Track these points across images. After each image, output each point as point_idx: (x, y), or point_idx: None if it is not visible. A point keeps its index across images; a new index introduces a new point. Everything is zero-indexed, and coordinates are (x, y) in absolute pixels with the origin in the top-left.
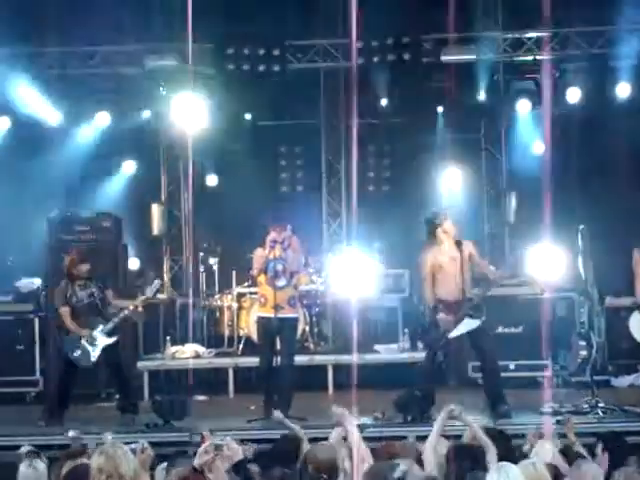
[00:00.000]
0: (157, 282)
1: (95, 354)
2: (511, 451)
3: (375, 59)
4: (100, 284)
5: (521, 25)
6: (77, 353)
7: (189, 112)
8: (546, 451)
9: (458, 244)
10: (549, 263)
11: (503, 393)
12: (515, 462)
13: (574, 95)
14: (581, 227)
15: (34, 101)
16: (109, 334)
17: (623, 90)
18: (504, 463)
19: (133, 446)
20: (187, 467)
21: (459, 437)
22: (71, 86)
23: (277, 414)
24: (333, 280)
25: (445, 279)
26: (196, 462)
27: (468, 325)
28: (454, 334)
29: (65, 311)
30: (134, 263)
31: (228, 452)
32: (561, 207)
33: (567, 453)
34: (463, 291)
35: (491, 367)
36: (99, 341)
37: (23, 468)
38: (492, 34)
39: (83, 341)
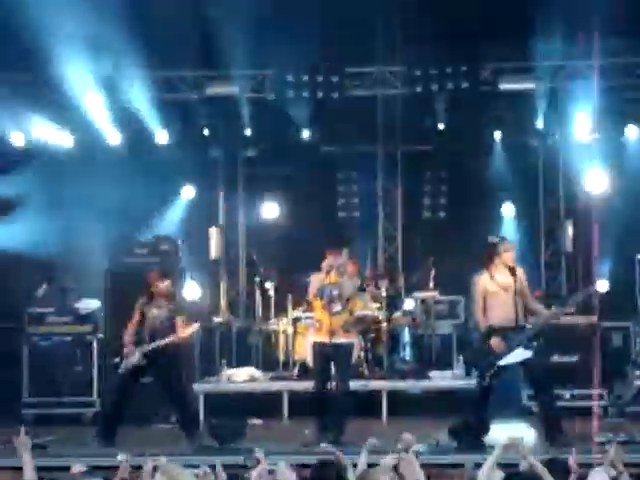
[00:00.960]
0: (195, 325)
1: (123, 366)
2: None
3: (434, 87)
4: (173, 309)
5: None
6: (116, 359)
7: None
8: None
9: (512, 271)
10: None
11: (560, 422)
12: None
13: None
14: (638, 256)
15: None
16: (145, 356)
17: None
18: None
19: (195, 471)
20: None
21: (515, 466)
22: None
23: (372, 441)
24: (389, 306)
25: (497, 305)
26: None
27: (520, 355)
28: (504, 362)
29: (131, 322)
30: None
31: (281, 477)
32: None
33: None
34: (517, 319)
35: (545, 396)
36: (131, 358)
37: None
38: (549, 63)
39: (124, 352)
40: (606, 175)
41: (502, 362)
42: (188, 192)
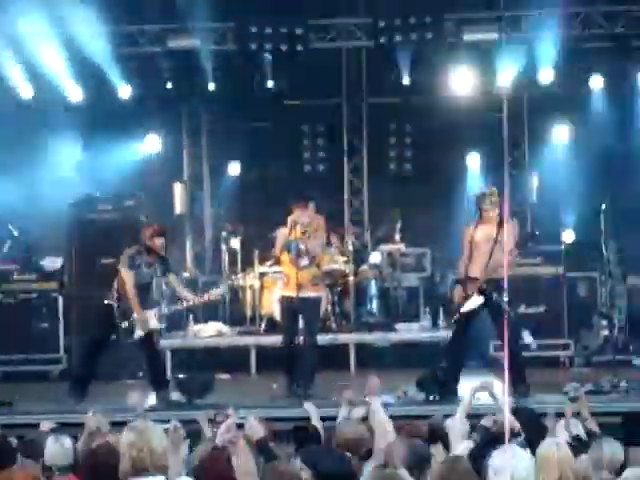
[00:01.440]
0: (223, 287)
1: (138, 333)
2: (540, 430)
3: (397, 38)
4: (166, 266)
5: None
6: (124, 325)
7: None
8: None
9: (500, 225)
10: None
11: (523, 373)
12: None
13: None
14: (603, 206)
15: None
16: (161, 320)
17: None
18: (512, 444)
19: (165, 426)
20: (209, 445)
21: (482, 416)
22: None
23: (307, 406)
24: (355, 259)
25: (476, 255)
26: (218, 440)
27: (475, 302)
28: (464, 309)
29: (128, 275)
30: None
31: (250, 431)
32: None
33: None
34: (486, 270)
35: (509, 346)
36: (148, 324)
37: (50, 444)
38: (513, 13)
39: (134, 317)
40: (570, 126)
41: (462, 309)
42: (151, 146)
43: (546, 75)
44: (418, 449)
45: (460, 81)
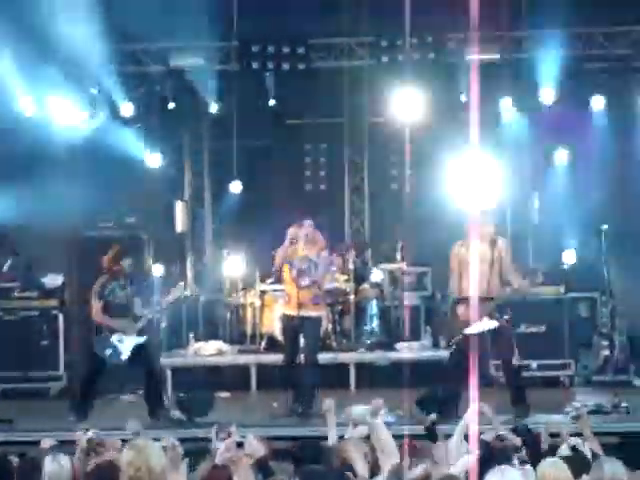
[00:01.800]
0: (180, 286)
1: (126, 353)
2: (538, 449)
3: (400, 57)
4: (134, 289)
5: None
6: (108, 352)
7: None
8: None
9: (492, 243)
10: None
11: (524, 393)
12: (541, 459)
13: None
14: (604, 227)
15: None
16: (139, 333)
17: None
18: (505, 467)
19: (162, 443)
20: (210, 464)
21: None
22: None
23: (329, 402)
24: (356, 278)
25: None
26: (218, 459)
27: (485, 325)
28: (469, 331)
29: (97, 306)
30: (158, 269)
31: (249, 449)
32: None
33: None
34: (488, 289)
35: (508, 367)
36: (129, 340)
37: (48, 463)
38: (518, 33)
39: (113, 339)
40: (571, 146)
41: (467, 331)
42: (153, 164)
43: (547, 95)
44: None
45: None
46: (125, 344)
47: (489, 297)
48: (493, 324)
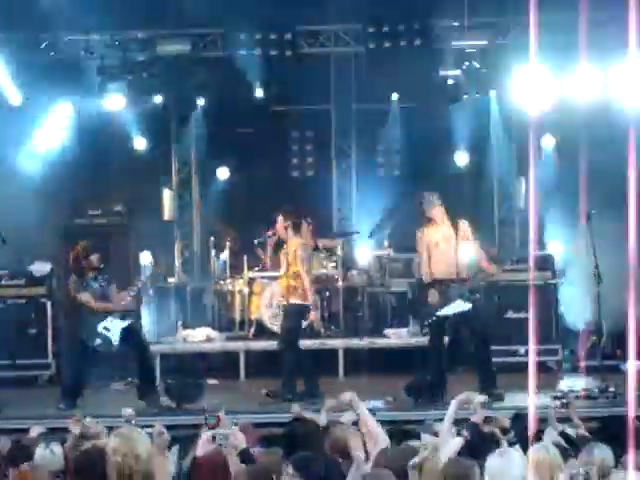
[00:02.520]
0: (135, 288)
1: (115, 338)
2: (525, 434)
3: (387, 44)
4: (107, 278)
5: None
6: (98, 342)
7: None
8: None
9: (455, 225)
10: None
11: (494, 378)
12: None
13: None
14: (593, 211)
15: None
16: (122, 318)
17: None
18: (508, 448)
19: (149, 430)
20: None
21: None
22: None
23: (295, 408)
24: (344, 264)
25: (439, 257)
26: (198, 452)
27: (458, 307)
28: (442, 313)
29: (86, 296)
30: (146, 256)
31: (235, 441)
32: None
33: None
34: (457, 272)
35: (481, 351)
36: (115, 325)
37: (40, 451)
38: (503, 19)
39: (99, 328)
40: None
41: (440, 312)
42: (140, 152)
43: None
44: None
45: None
46: (112, 331)
47: (460, 279)
48: (466, 306)
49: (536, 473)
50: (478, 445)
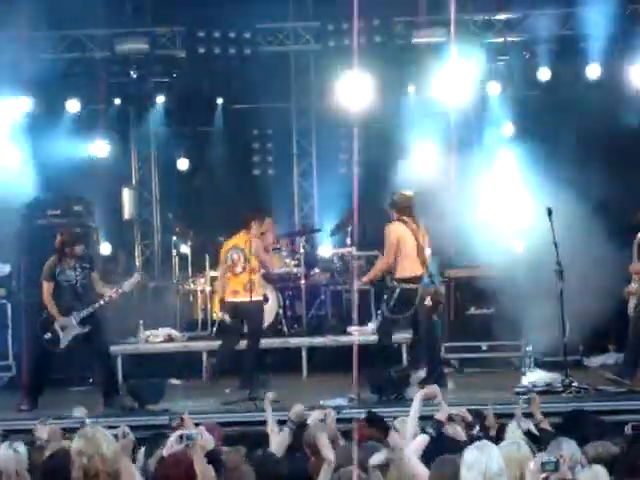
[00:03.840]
0: (136, 276)
1: (64, 340)
2: (486, 430)
3: (346, 42)
4: (88, 266)
5: (491, 7)
6: (47, 336)
7: None
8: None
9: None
10: None
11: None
12: (493, 441)
13: (545, 75)
14: (547, 207)
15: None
16: (82, 322)
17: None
18: (485, 442)
19: (114, 431)
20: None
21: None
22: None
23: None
24: (307, 262)
25: (408, 254)
26: (165, 452)
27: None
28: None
29: (47, 286)
30: (106, 248)
31: (202, 442)
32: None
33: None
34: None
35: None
36: (71, 329)
37: (3, 450)
38: (463, 16)
39: (56, 325)
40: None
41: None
42: (100, 151)
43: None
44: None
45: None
46: (66, 332)
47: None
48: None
49: (506, 469)
50: (444, 442)
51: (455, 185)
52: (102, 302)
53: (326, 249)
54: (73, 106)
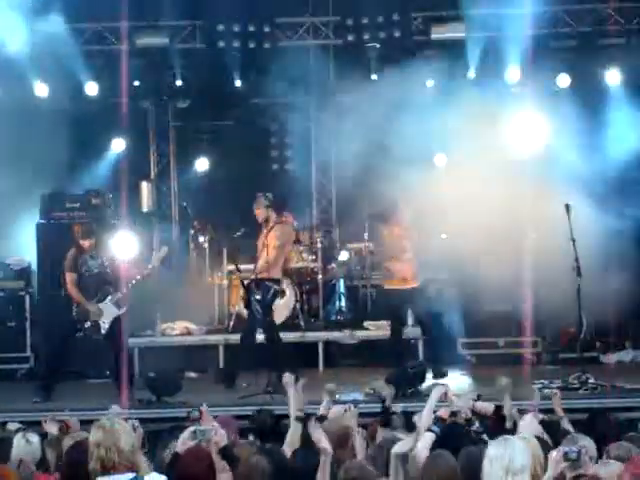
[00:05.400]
0: (164, 249)
1: (105, 325)
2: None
3: (366, 36)
4: (110, 256)
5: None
6: (87, 324)
7: None
8: (532, 426)
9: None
10: None
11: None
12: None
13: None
14: (566, 204)
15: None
16: (118, 305)
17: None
18: (509, 437)
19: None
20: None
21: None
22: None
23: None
24: (324, 257)
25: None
26: (179, 448)
27: None
28: None
29: (71, 277)
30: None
31: (216, 438)
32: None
33: (552, 428)
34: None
35: None
36: (108, 312)
37: (17, 441)
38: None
39: (92, 314)
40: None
41: None
42: (119, 145)
43: (513, 74)
44: None
45: None
46: (104, 317)
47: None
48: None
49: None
50: (447, 439)
51: None
52: (134, 281)
53: (344, 244)
54: (92, 89)
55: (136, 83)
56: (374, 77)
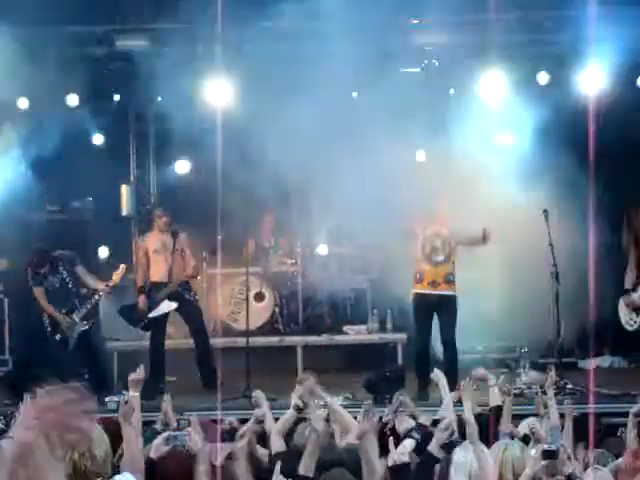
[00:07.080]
0: (122, 267)
1: (72, 341)
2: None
3: None
4: (68, 265)
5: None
6: (57, 337)
7: None
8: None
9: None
10: None
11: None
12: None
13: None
14: (543, 210)
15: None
16: (84, 319)
17: None
18: (473, 443)
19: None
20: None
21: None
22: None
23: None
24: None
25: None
26: (152, 454)
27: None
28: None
29: (39, 291)
30: (104, 251)
31: (190, 442)
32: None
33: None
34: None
35: None
36: (75, 328)
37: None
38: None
39: (62, 326)
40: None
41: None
42: (99, 148)
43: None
44: None
45: None
46: (71, 332)
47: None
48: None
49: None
50: (426, 445)
51: None
52: (97, 297)
53: (323, 248)
54: (72, 101)
55: (115, 86)
56: None
